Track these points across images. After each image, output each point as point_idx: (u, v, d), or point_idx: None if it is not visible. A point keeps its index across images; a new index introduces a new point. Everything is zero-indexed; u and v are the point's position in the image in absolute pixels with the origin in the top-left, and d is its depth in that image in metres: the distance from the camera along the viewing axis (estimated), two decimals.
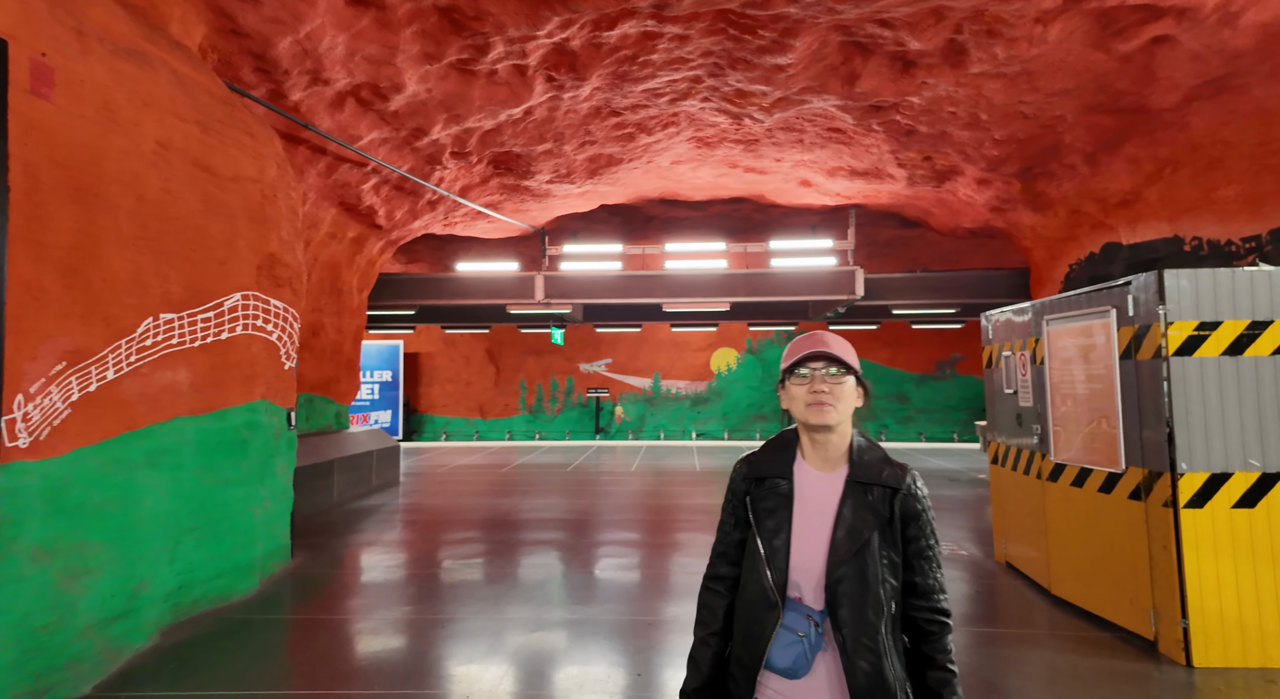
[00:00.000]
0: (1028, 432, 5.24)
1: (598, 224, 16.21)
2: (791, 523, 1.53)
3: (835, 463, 1.57)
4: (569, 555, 6.72)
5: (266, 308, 5.60)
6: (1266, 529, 3.69)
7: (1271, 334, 3.75)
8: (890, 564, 1.49)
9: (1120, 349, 4.11)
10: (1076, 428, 4.56)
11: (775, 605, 1.48)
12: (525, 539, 7.43)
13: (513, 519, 8.54)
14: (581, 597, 5.40)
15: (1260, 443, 3.73)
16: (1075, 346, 4.54)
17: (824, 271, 12.89)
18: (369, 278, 11.59)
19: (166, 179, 4.59)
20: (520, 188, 11.54)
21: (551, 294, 13.19)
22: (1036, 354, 5.06)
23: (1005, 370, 5.64)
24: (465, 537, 7.58)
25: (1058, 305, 4.78)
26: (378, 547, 7.21)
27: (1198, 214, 8.09)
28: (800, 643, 1.44)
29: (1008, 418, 5.65)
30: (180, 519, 4.72)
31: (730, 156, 11.42)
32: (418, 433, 22.21)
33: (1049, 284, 11.46)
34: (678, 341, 21.76)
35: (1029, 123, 8.75)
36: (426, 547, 7.17)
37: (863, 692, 1.41)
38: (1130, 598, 4.11)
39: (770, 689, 1.49)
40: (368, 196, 9.86)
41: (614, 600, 5.31)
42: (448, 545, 7.20)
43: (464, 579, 5.92)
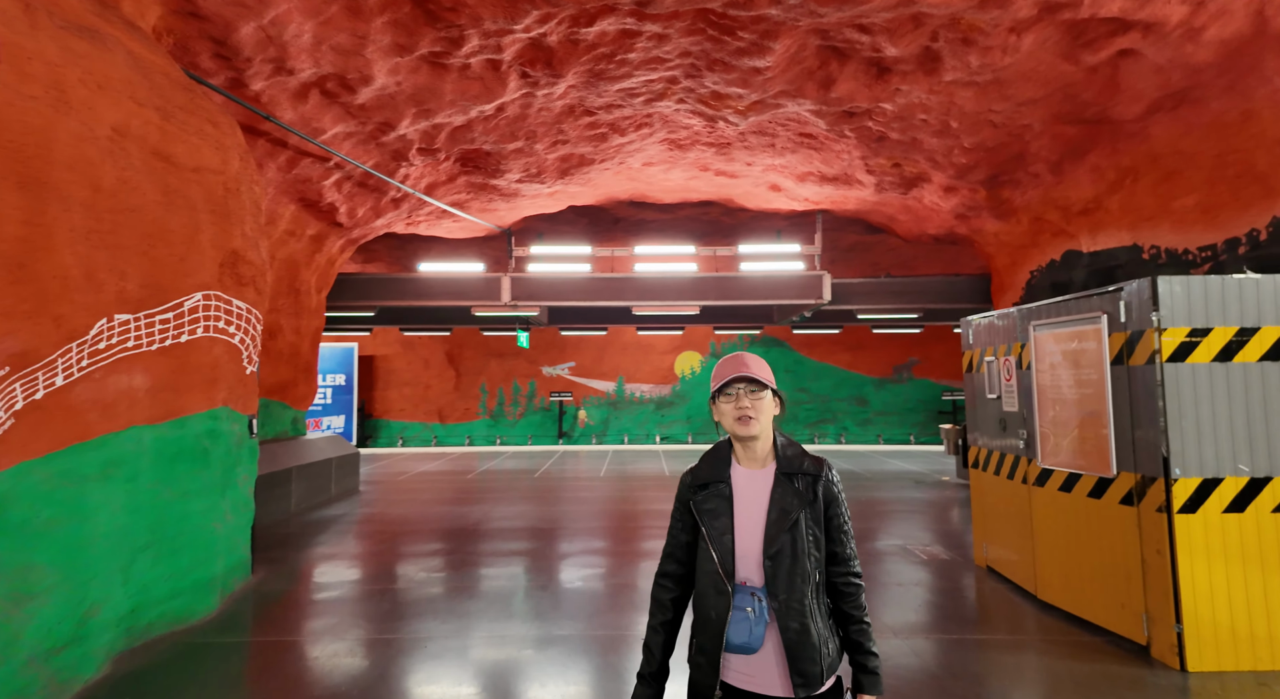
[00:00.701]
0: (1012, 436, 5.28)
1: (564, 225, 15.98)
2: (733, 517, 1.81)
3: (764, 461, 1.86)
4: (541, 567, 6.51)
5: (229, 308, 5.26)
6: (1256, 533, 3.76)
7: (1259, 341, 3.83)
8: (814, 539, 1.78)
9: (1112, 355, 4.15)
10: (1065, 433, 4.60)
11: (726, 591, 1.76)
12: (494, 550, 7.19)
13: (480, 529, 8.27)
14: (556, 612, 5.21)
15: (1249, 448, 3.81)
16: (1063, 352, 4.58)
17: (793, 276, 12.95)
18: (328, 277, 11.14)
19: (123, 168, 4.25)
20: (488, 187, 11.27)
21: (519, 296, 12.92)
22: (1022, 359, 5.10)
23: (988, 375, 5.69)
24: (432, 548, 7.29)
25: (1045, 311, 4.83)
26: (341, 560, 6.87)
27: (1157, 223, 8.36)
28: (748, 618, 1.72)
29: (990, 422, 5.69)
30: (135, 536, 4.37)
31: (702, 159, 11.37)
32: (373, 438, 21.57)
33: (1010, 290, 11.74)
34: (642, 345, 21.66)
35: (997, 131, 8.93)
36: (392, 560, 6.87)
37: (794, 646, 1.70)
38: (1121, 603, 4.14)
39: (733, 670, 1.76)
40: (329, 193, 9.47)
41: (591, 615, 5.13)
42: (414, 558, 6.90)
43: (432, 594, 5.67)
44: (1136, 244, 8.71)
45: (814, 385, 21.86)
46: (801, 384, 21.83)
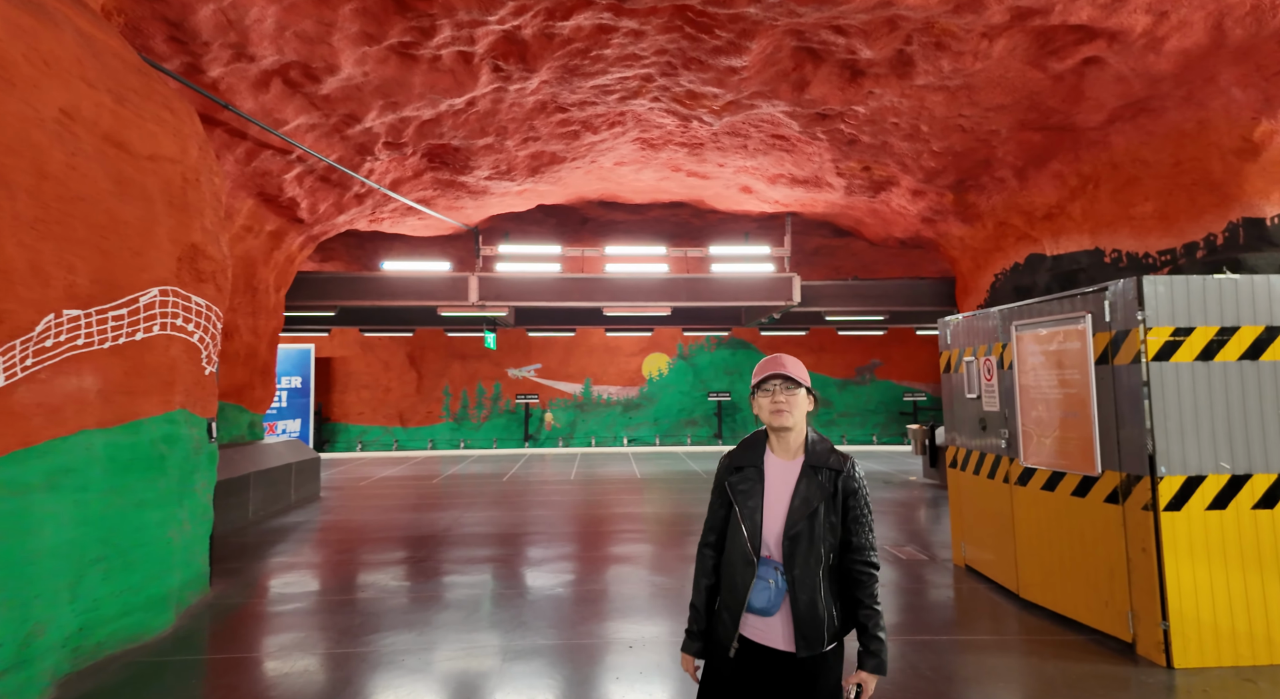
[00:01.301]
0: (993, 436, 5.31)
1: (530, 225, 15.75)
2: (763, 499, 2.04)
3: (794, 453, 2.09)
4: (513, 575, 6.32)
5: (187, 305, 4.96)
6: (1236, 530, 3.83)
7: (1238, 340, 3.91)
8: (830, 527, 2.01)
9: (1096, 354, 4.19)
10: (1048, 432, 4.64)
11: (752, 562, 2.01)
12: (464, 557, 6.96)
13: (448, 536, 8.02)
14: (530, 621, 5.04)
15: (1229, 445, 3.87)
16: (1046, 352, 4.62)
17: (763, 278, 12.98)
18: (287, 276, 10.73)
19: (73, 153, 3.95)
20: (456, 184, 11.00)
21: (486, 296, 12.66)
22: (1004, 359, 5.14)
23: (967, 375, 5.72)
24: (398, 557, 7.03)
25: (1027, 311, 4.87)
26: (303, 570, 6.56)
27: (1117, 228, 8.60)
28: (769, 588, 1.97)
29: (969, 422, 5.73)
30: (85, 549, 4.06)
31: (674, 160, 11.31)
32: (330, 443, 20.95)
33: (975, 293, 11.97)
34: (610, 347, 21.52)
35: (966, 136, 9.07)
36: (356, 569, 6.59)
37: (802, 616, 1.95)
38: (1105, 601, 4.18)
39: (750, 627, 2.01)
40: (290, 187, 9.10)
41: (566, 624, 4.98)
42: (380, 567, 6.63)
43: (400, 605, 5.44)
44: (1098, 248, 8.93)
45: None
46: None
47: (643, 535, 7.88)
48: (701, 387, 21.75)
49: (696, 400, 21.75)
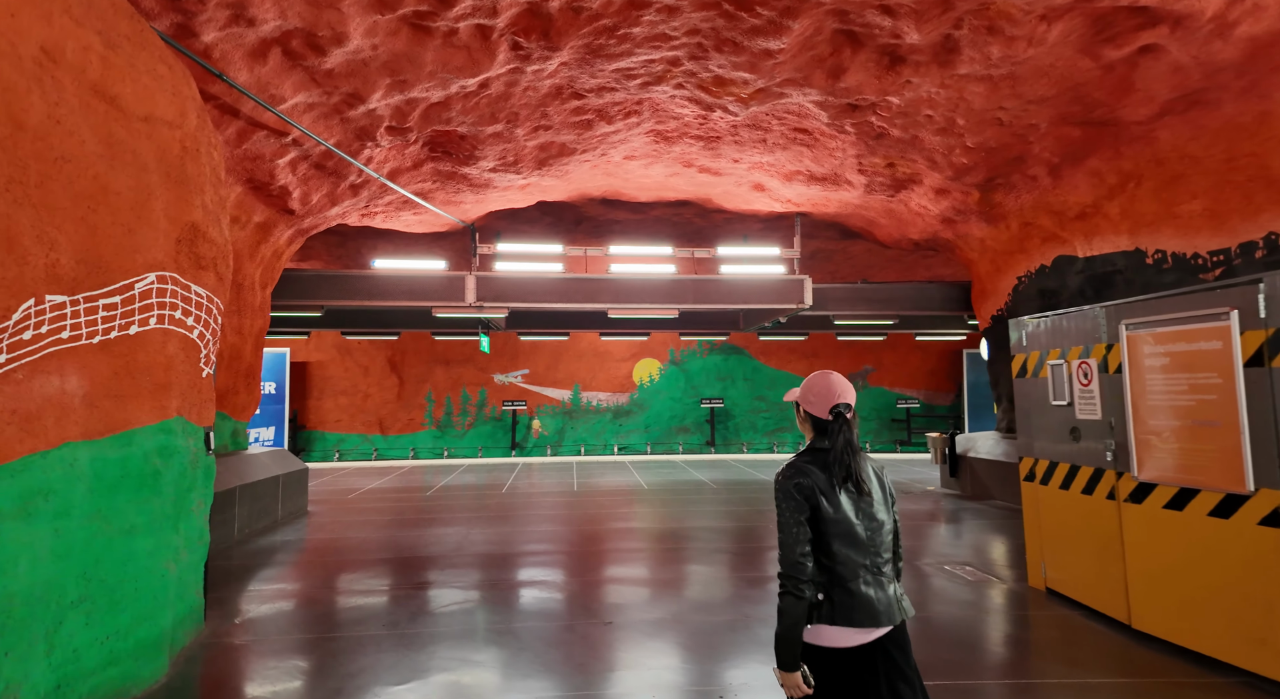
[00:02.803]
0: (1091, 447, 4.84)
1: (524, 224, 15.05)
2: None
3: None
4: (555, 604, 5.66)
5: (187, 295, 4.23)
6: None
7: None
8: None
9: (1246, 355, 3.73)
10: (1172, 443, 4.17)
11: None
12: (486, 586, 6.27)
13: (460, 558, 7.31)
14: (599, 666, 4.40)
15: None
16: (1171, 353, 4.16)
17: (774, 280, 12.51)
18: (273, 272, 9.90)
19: (54, 103, 3.24)
20: (457, 176, 10.31)
21: (484, 296, 11.95)
22: (1109, 361, 4.68)
23: (1052, 380, 5.25)
24: (412, 584, 6.31)
25: (1143, 307, 4.41)
26: (304, 603, 5.80)
27: (1159, 228, 8.29)
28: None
29: (1056, 431, 5.25)
30: (64, 589, 3.32)
31: (687, 154, 10.77)
32: (306, 451, 19.90)
33: (993, 296, 11.64)
34: (599, 352, 20.87)
35: (1002, 131, 8.70)
36: (367, 600, 5.85)
37: None
38: (1261, 638, 3.70)
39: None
40: (282, 174, 8.33)
41: (651, 669, 4.35)
42: (394, 597, 5.91)
43: (433, 636, 4.75)
44: (1138, 249, 8.62)
45: (772, 393, 21.59)
46: (759, 392, 21.53)
47: (682, 554, 7.27)
48: (694, 393, 21.22)
49: (688, 407, 21.21)
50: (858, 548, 2.04)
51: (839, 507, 2.05)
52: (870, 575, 2.04)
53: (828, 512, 2.04)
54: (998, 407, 11.96)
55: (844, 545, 2.03)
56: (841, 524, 2.04)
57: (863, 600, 2.01)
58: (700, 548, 7.50)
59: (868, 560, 2.05)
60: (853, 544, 2.04)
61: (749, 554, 7.17)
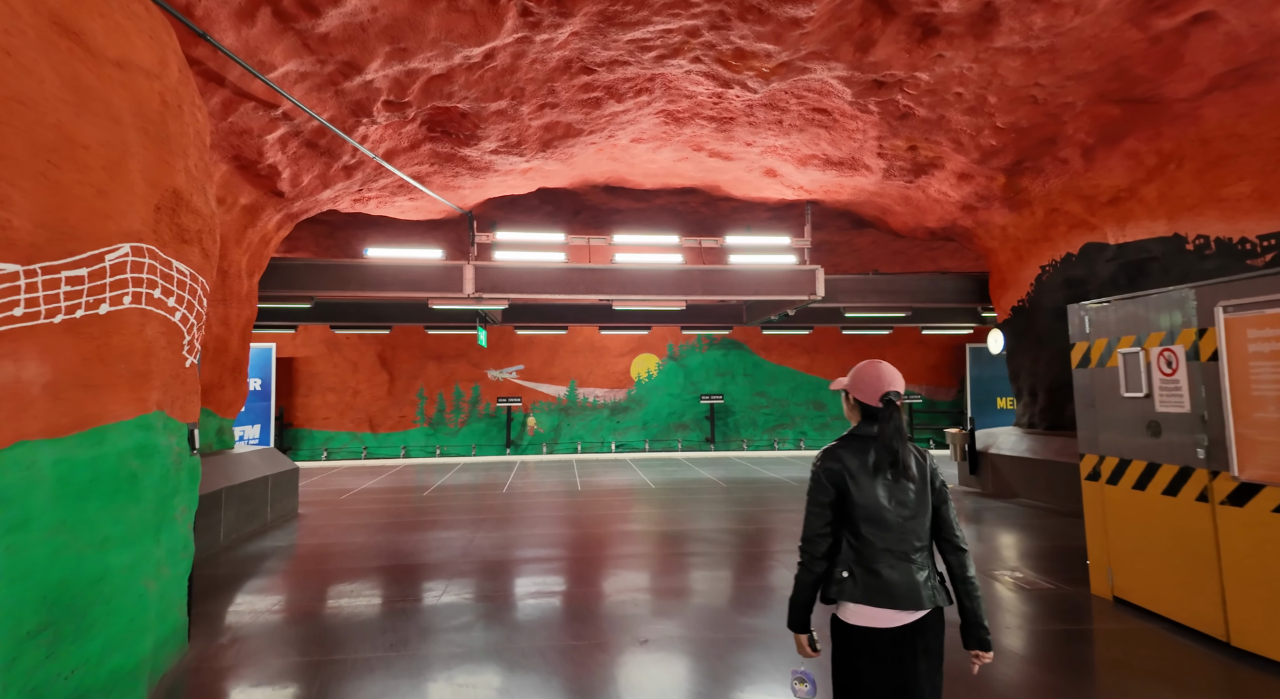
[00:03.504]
0: (1178, 442, 4.41)
1: (520, 214, 14.49)
2: None
3: None
4: (585, 621, 5.15)
5: (168, 272, 3.68)
6: None
7: None
8: None
9: None
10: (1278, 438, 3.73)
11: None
12: (503, 597, 5.75)
13: (469, 564, 6.78)
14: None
15: None
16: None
17: (785, 270, 12.06)
18: (261, 259, 9.30)
19: (6, 32, 2.68)
20: (456, 158, 9.74)
21: (483, 287, 11.39)
22: (1200, 348, 4.24)
23: (1125, 369, 4.82)
24: (418, 595, 5.77)
25: (1245, 287, 3.97)
26: (299, 618, 5.25)
27: (1202, 211, 7.91)
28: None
29: (1128, 426, 4.82)
30: (21, 617, 2.77)
31: (698, 137, 10.27)
32: (293, 450, 19.22)
33: (1014, 287, 11.26)
34: (596, 347, 20.35)
35: (1036, 110, 8.28)
36: (368, 617, 5.31)
37: None
38: None
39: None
40: (271, 152, 7.74)
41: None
42: (399, 614, 5.37)
43: (445, 674, 4.23)
44: (1177, 234, 8.24)
45: (772, 389, 21.19)
46: (760, 388, 21.11)
47: (712, 559, 6.79)
48: (692, 389, 20.76)
49: (687, 403, 20.74)
50: (885, 531, 2.09)
51: (869, 490, 2.11)
52: (895, 559, 2.08)
53: (856, 495, 2.11)
54: (1018, 401, 11.59)
55: (871, 527, 2.09)
56: (869, 508, 2.10)
57: (883, 582, 2.05)
58: (729, 552, 7.02)
59: (894, 544, 2.09)
60: (880, 527, 2.09)
61: (789, 557, 6.70)
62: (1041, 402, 10.70)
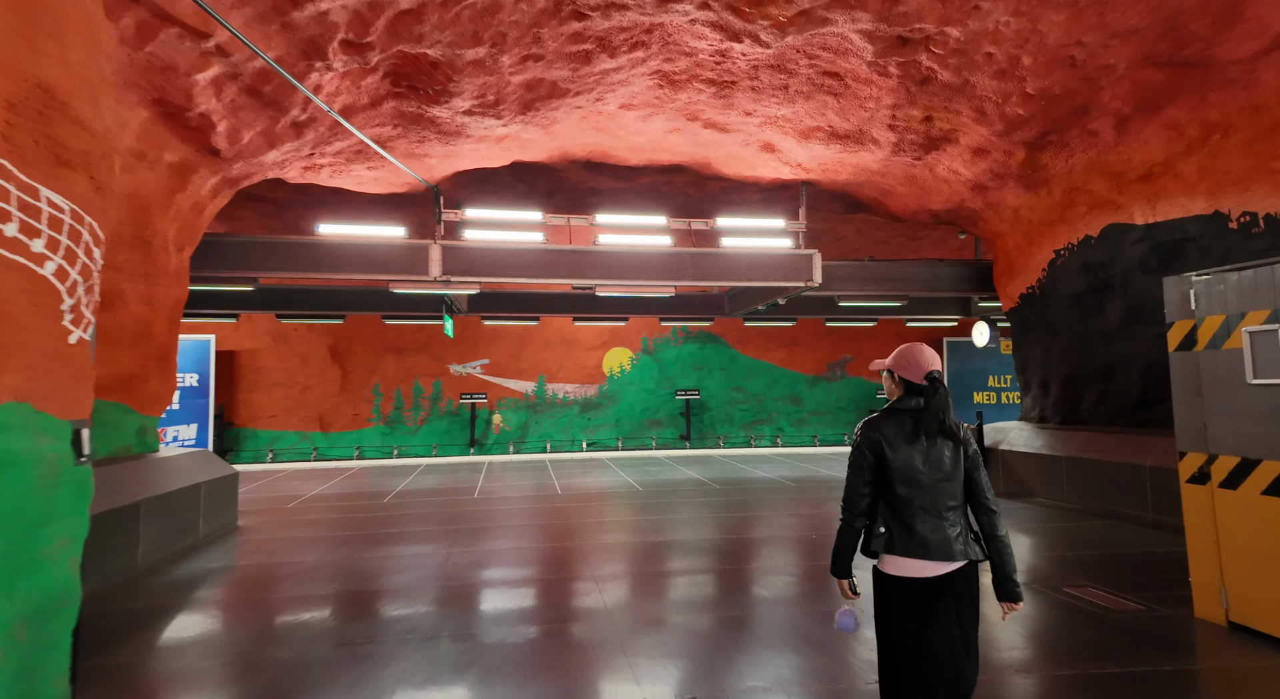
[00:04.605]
0: None
1: (491, 192, 13.31)
2: None
3: None
4: (612, 668, 4.15)
5: (31, 204, 2.54)
6: None
7: None
8: None
9: None
10: None
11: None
12: (511, 635, 4.70)
13: (456, 591, 5.69)
14: None
15: None
16: None
17: (780, 255, 11.22)
18: (193, 231, 7.98)
19: None
20: (424, 119, 8.58)
21: (452, 270, 10.23)
22: None
23: (1253, 350, 4.05)
24: (397, 634, 4.68)
25: None
26: (236, 672, 4.10)
27: (1250, 186, 7.32)
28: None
29: (1255, 419, 4.05)
30: None
31: (693, 105, 9.30)
32: (234, 452, 17.63)
33: (1022, 273, 10.63)
34: (568, 339, 19.24)
35: (1072, 74, 7.57)
36: (327, 671, 4.20)
37: None
38: None
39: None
40: (204, 97, 6.48)
41: None
42: (369, 663, 4.28)
43: None
44: (1218, 212, 7.64)
45: (749, 384, 20.44)
46: (737, 383, 20.34)
47: (751, 578, 5.84)
48: (667, 384, 19.84)
49: (662, 399, 19.82)
50: (920, 490, 2.32)
51: (904, 455, 2.35)
52: (929, 516, 2.31)
53: (893, 459, 2.35)
54: (1025, 394, 10.99)
55: (906, 487, 2.33)
56: (904, 470, 2.34)
57: (917, 536, 2.29)
58: (766, 567, 6.10)
59: (928, 503, 2.32)
60: (915, 486, 2.33)
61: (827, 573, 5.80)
62: (1055, 394, 10.09)
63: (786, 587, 5.44)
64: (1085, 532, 7.28)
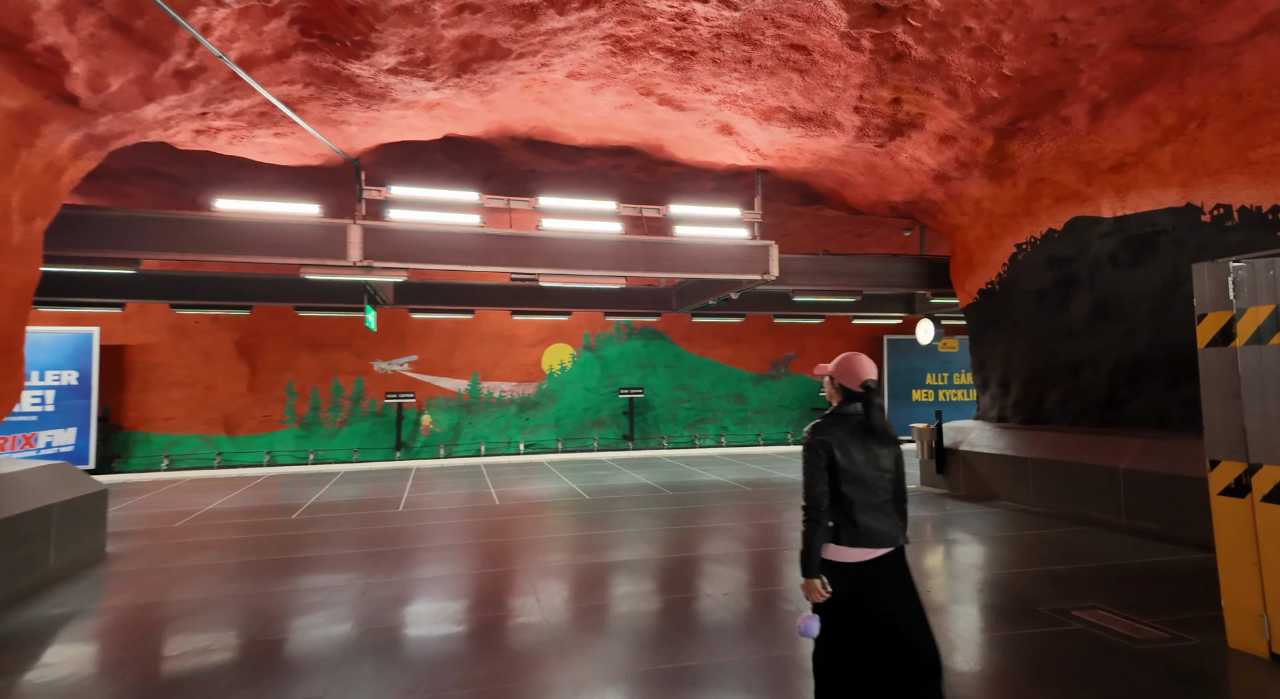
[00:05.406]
0: None
1: (419, 172, 12.08)
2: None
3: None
4: None
5: None
6: None
7: None
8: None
9: None
10: None
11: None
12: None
13: (369, 636, 4.69)
14: None
15: None
16: None
17: (736, 246, 10.55)
18: (48, 198, 6.60)
19: None
20: (341, 77, 7.44)
21: (375, 254, 9.07)
22: None
23: None
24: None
25: None
26: None
27: (1225, 177, 7.07)
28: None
29: None
30: None
31: (648, 77, 8.48)
32: (124, 458, 15.75)
33: (982, 268, 10.31)
34: (505, 335, 18.12)
35: (1052, 54, 7.14)
36: None
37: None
38: None
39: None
40: (50, 25, 5.21)
41: None
42: None
43: None
44: (1191, 204, 7.38)
45: (694, 382, 19.83)
46: (681, 381, 19.69)
47: (683, 598, 5.05)
48: (610, 382, 19.00)
49: (604, 398, 18.96)
50: (863, 488, 2.60)
51: (851, 456, 2.60)
52: (870, 510, 2.59)
53: (841, 460, 2.59)
54: (983, 393, 10.69)
55: (852, 486, 2.58)
56: (850, 471, 2.59)
57: (864, 528, 2.57)
58: (752, 592, 5.32)
59: (870, 498, 2.61)
60: (859, 485, 2.59)
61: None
62: (1016, 393, 9.79)
63: (786, 619, 4.69)
64: (1065, 540, 6.87)
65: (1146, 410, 8.07)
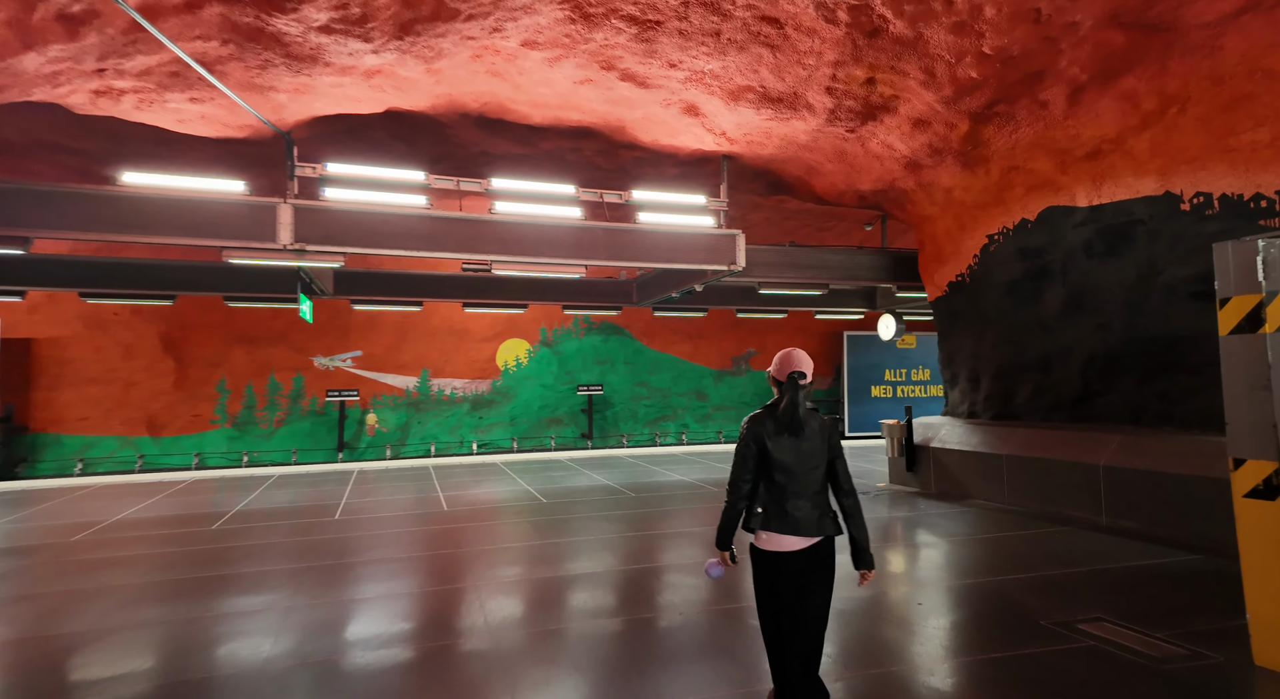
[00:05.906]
0: None
1: (360, 151, 11.14)
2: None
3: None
4: None
5: None
6: None
7: None
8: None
9: None
10: None
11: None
12: None
13: (286, 674, 4.00)
14: None
15: None
16: None
17: (703, 234, 10.05)
18: None
19: None
20: (266, 35, 6.63)
21: (308, 237, 8.24)
22: None
23: None
24: None
25: None
26: None
27: (1205, 164, 6.86)
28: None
29: None
30: None
31: (610, 48, 7.88)
32: (30, 462, 14.40)
33: (951, 260, 10.04)
34: (457, 329, 17.26)
35: (1033, 31, 6.82)
36: None
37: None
38: None
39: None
40: None
41: None
42: None
43: None
44: (1170, 192, 7.16)
45: (654, 378, 19.32)
46: (641, 378, 19.15)
47: (646, 631, 4.49)
48: (568, 379, 18.33)
49: (562, 395, 18.28)
50: (791, 478, 2.69)
51: (781, 447, 2.69)
52: (799, 499, 2.69)
53: (772, 450, 2.69)
54: (951, 388, 10.43)
55: (781, 475, 2.69)
56: (781, 460, 2.69)
57: (789, 516, 2.67)
58: (729, 607, 4.78)
59: (798, 488, 2.70)
60: (787, 475, 2.70)
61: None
62: (986, 388, 9.54)
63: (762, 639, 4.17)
64: (1047, 541, 6.56)
65: (1120, 405, 7.87)
